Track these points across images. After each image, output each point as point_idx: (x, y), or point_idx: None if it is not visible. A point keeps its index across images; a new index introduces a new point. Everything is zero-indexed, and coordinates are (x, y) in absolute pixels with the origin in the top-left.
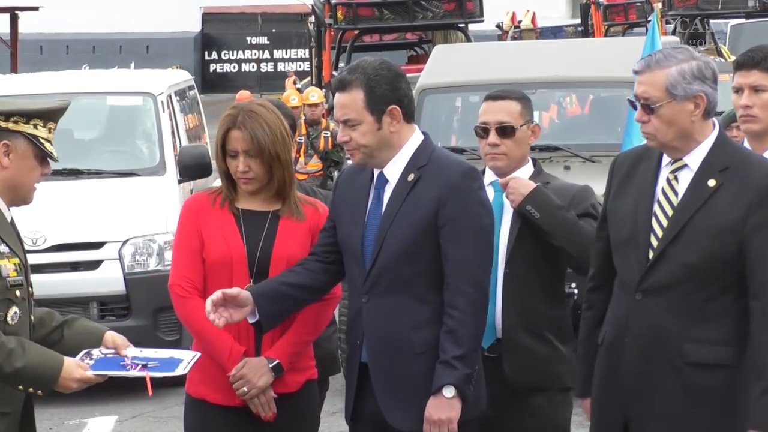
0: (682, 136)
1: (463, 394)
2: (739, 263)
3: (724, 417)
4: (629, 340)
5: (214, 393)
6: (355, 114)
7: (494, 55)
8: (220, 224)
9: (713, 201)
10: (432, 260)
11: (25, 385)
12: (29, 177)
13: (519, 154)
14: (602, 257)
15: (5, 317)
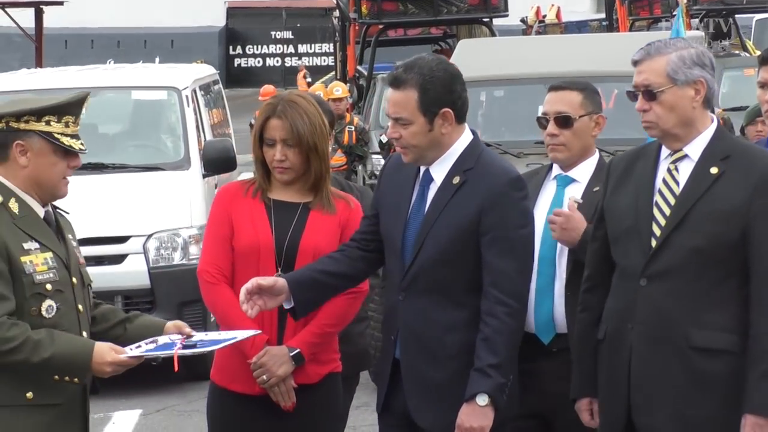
0: (683, 124)
1: (496, 403)
2: (742, 248)
3: (727, 403)
4: (633, 326)
5: (236, 381)
6: (407, 114)
7: (519, 50)
8: (250, 213)
9: (716, 187)
10: (471, 265)
11: (60, 374)
12: (51, 173)
13: (579, 145)
14: (598, 258)
15: (39, 311)
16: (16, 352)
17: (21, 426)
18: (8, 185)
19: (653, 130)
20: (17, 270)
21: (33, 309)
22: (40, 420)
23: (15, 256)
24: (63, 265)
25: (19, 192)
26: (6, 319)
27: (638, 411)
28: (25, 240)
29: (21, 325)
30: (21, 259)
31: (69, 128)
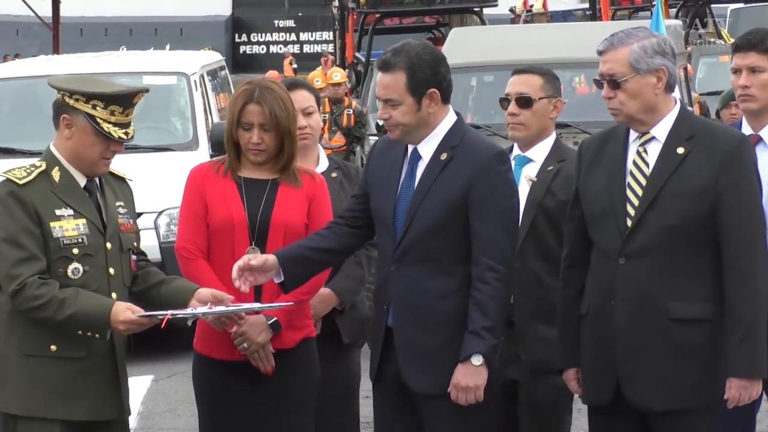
0: (647, 109)
1: (489, 363)
2: (712, 222)
3: (708, 370)
4: (615, 303)
5: (218, 349)
6: (396, 95)
7: (507, 38)
8: (222, 191)
9: (684, 166)
10: (460, 235)
11: (83, 329)
12: (90, 151)
13: (537, 126)
14: (576, 236)
15: (65, 273)
16: (43, 309)
17: (45, 375)
18: (56, 154)
19: (619, 117)
20: (46, 234)
21: (59, 270)
22: (63, 371)
23: (45, 221)
24: (97, 231)
25: (63, 161)
26: (36, 278)
27: (626, 383)
28: (59, 207)
29: (50, 284)
30: (51, 224)
31: (114, 117)
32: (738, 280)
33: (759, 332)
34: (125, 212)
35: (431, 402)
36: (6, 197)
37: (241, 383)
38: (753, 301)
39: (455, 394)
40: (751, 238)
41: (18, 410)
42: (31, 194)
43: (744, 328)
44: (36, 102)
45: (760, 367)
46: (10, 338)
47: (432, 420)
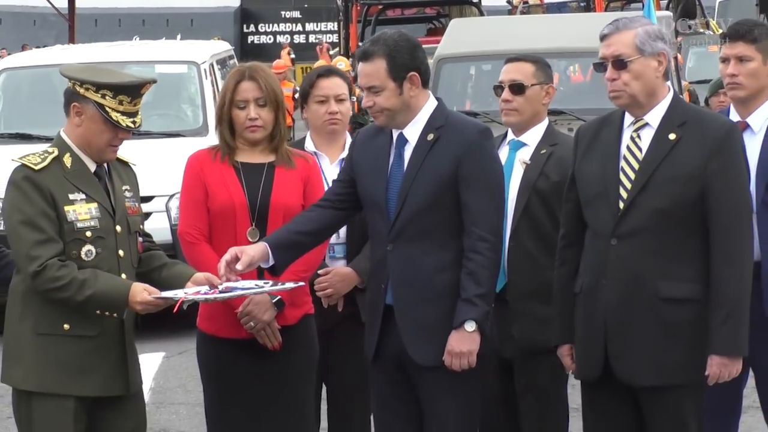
0: (648, 92)
1: (482, 329)
2: (701, 206)
3: (695, 348)
4: (607, 282)
5: (224, 328)
6: (378, 81)
7: (505, 28)
8: (222, 176)
9: (675, 152)
10: (452, 211)
11: (101, 309)
12: (99, 138)
13: (530, 111)
14: (572, 217)
15: (79, 255)
16: (63, 290)
17: (58, 353)
18: (67, 141)
19: (621, 99)
20: (61, 217)
21: (73, 252)
22: (76, 349)
23: (60, 205)
24: (107, 215)
25: (74, 148)
26: (56, 260)
27: (615, 358)
28: (72, 191)
29: (70, 266)
30: (65, 208)
31: (122, 106)
32: (723, 263)
33: (742, 313)
34: (131, 196)
35: (432, 373)
36: (22, 182)
37: (246, 360)
38: (737, 283)
39: (449, 360)
40: (738, 223)
41: (32, 387)
42: (46, 179)
43: (727, 308)
44: (52, 89)
45: (741, 346)
46: (24, 318)
47: (430, 390)
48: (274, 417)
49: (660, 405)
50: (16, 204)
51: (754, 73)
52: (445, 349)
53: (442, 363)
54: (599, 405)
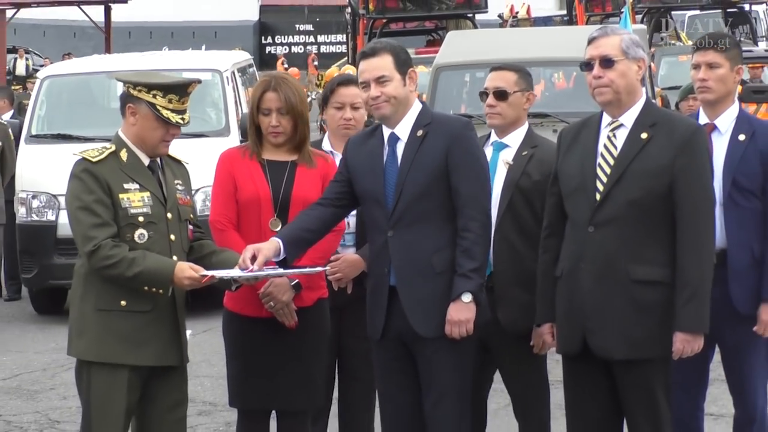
0: (629, 91)
1: (477, 299)
2: (670, 198)
3: (663, 325)
4: (584, 266)
5: (247, 307)
6: (387, 72)
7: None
8: (250, 172)
9: (646, 149)
10: (444, 196)
11: (148, 285)
12: (152, 135)
13: (513, 115)
14: (554, 210)
15: (132, 237)
16: (114, 267)
17: (116, 327)
18: (123, 138)
19: (605, 95)
20: (116, 204)
21: (128, 235)
22: (132, 323)
23: (115, 193)
24: (159, 203)
25: (130, 144)
26: (109, 241)
27: (591, 334)
28: (126, 181)
29: (121, 246)
30: (120, 196)
31: (171, 104)
32: (688, 249)
33: (703, 294)
34: (182, 189)
35: (432, 343)
36: (81, 173)
37: (266, 335)
38: (700, 267)
39: (449, 328)
40: (701, 213)
41: (93, 357)
42: (103, 170)
43: (691, 290)
44: (90, 94)
45: (702, 324)
46: (86, 296)
47: (430, 360)
48: (287, 387)
49: (631, 377)
50: (76, 192)
51: (722, 79)
52: (446, 319)
53: (442, 334)
54: (578, 377)
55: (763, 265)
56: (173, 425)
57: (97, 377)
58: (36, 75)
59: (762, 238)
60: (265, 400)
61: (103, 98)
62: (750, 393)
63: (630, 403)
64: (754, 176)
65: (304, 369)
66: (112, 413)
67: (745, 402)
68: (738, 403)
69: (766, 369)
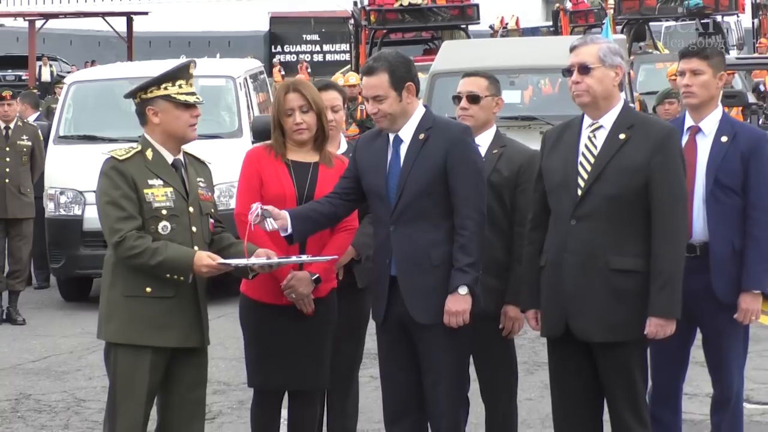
0: (606, 96)
1: (473, 292)
2: (645, 194)
3: (639, 311)
4: (567, 256)
5: (267, 295)
6: (382, 91)
7: (487, 49)
8: (276, 171)
9: (624, 149)
10: (442, 196)
11: (170, 272)
12: (177, 123)
13: (483, 117)
14: (539, 205)
15: (156, 229)
16: (139, 257)
17: (141, 312)
18: (149, 139)
19: (582, 98)
20: (141, 198)
21: (152, 227)
22: (156, 308)
23: (140, 188)
24: (182, 198)
25: (155, 144)
26: (134, 232)
27: (573, 319)
28: (151, 178)
29: (145, 237)
30: (144, 191)
31: (182, 89)
32: (663, 241)
33: (676, 282)
34: (204, 186)
35: (430, 330)
36: (110, 170)
37: (283, 321)
38: (673, 258)
39: (447, 318)
40: (675, 208)
41: (120, 340)
42: (129, 167)
43: (664, 278)
44: (113, 99)
45: (674, 310)
46: (114, 284)
47: (428, 345)
48: (301, 369)
49: (610, 358)
50: (104, 188)
51: (705, 85)
52: (444, 310)
53: (439, 321)
54: (562, 358)
55: (743, 257)
56: (193, 404)
57: (123, 358)
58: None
59: (741, 233)
60: (281, 382)
61: (126, 103)
62: (728, 375)
63: (609, 381)
64: (734, 175)
65: (316, 352)
66: (136, 392)
67: (723, 383)
68: (716, 384)
69: (743, 353)
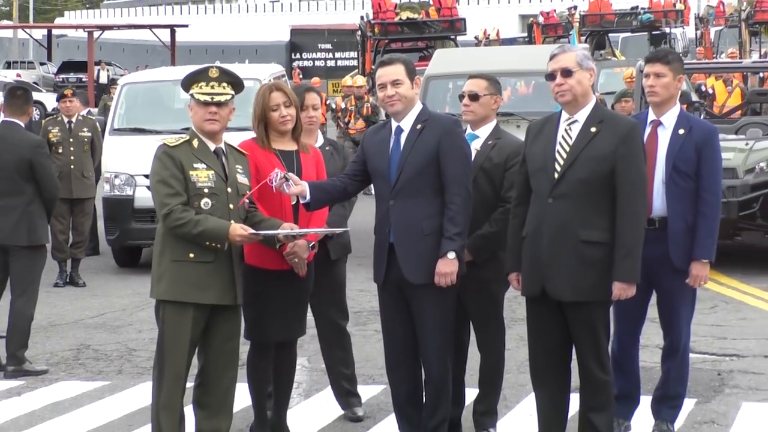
0: (583, 94)
1: (459, 257)
2: (611, 178)
3: (603, 276)
4: (545, 228)
5: (269, 262)
6: (400, 77)
7: (473, 56)
8: (268, 158)
9: (594, 140)
10: (435, 176)
11: (210, 241)
12: (196, 117)
13: (482, 113)
14: (522, 186)
15: (199, 205)
16: (183, 227)
17: (186, 274)
18: (195, 130)
19: (566, 97)
20: (187, 179)
21: (195, 203)
22: (198, 270)
23: (186, 170)
24: (221, 180)
25: (199, 134)
26: (180, 206)
27: (548, 281)
28: (196, 162)
29: (189, 211)
30: (190, 173)
31: (203, 89)
32: (625, 217)
33: (636, 252)
34: (242, 172)
35: (422, 288)
36: (162, 155)
37: (279, 283)
38: (634, 232)
39: (437, 279)
40: (635, 191)
41: (168, 297)
42: (178, 153)
43: (627, 249)
44: (159, 97)
45: (635, 276)
46: (163, 251)
47: (420, 302)
48: (291, 322)
49: (578, 315)
50: (156, 169)
51: (666, 86)
52: (435, 272)
53: (429, 281)
54: (538, 315)
55: (694, 232)
56: (228, 353)
57: (170, 314)
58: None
59: (694, 211)
60: (276, 334)
61: (169, 100)
62: (678, 329)
63: (577, 334)
64: (689, 162)
65: (301, 308)
66: (181, 342)
67: (673, 335)
68: (667, 337)
69: (690, 311)
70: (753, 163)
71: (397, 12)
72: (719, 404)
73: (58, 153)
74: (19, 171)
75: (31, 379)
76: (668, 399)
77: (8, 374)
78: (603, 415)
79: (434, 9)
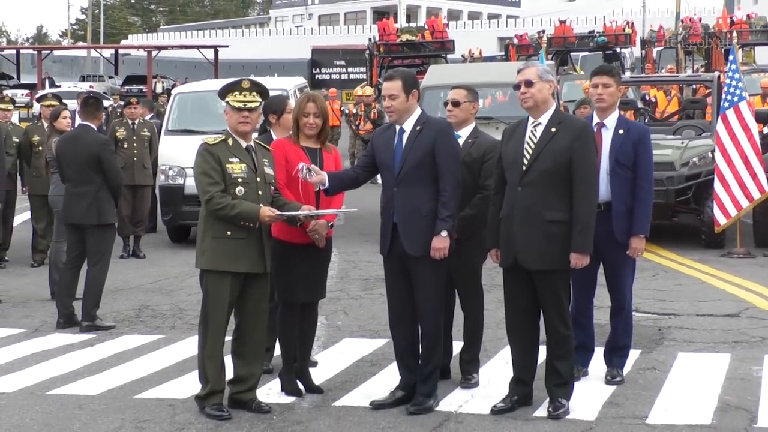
0: (544, 101)
1: (450, 234)
2: (569, 169)
3: (563, 249)
4: (516, 211)
5: (296, 236)
6: (396, 92)
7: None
8: (296, 153)
9: (555, 138)
10: (431, 168)
11: (243, 221)
12: (231, 120)
13: (463, 117)
14: (499, 178)
15: (234, 192)
16: (222, 210)
17: (224, 248)
18: (230, 131)
19: (528, 103)
20: (224, 171)
21: (231, 191)
22: (234, 245)
23: (223, 164)
24: (252, 171)
25: (234, 134)
26: (218, 193)
27: (519, 254)
28: (231, 157)
29: (226, 197)
30: (226, 166)
31: (236, 98)
32: (580, 200)
33: (589, 229)
34: (268, 164)
35: (419, 260)
36: (203, 151)
37: (304, 253)
38: (586, 212)
39: (433, 253)
40: (588, 178)
41: (210, 267)
42: (216, 150)
43: (581, 225)
44: (204, 104)
45: (588, 248)
46: (206, 229)
47: (418, 272)
48: (315, 285)
49: (544, 281)
50: (198, 163)
51: (612, 93)
52: (431, 248)
53: (425, 254)
54: (512, 282)
55: (633, 212)
56: (259, 314)
57: (212, 281)
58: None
59: (632, 196)
60: (302, 296)
61: (213, 107)
62: (621, 292)
63: (543, 297)
64: (628, 157)
65: (322, 274)
66: (221, 304)
67: (618, 297)
68: (613, 298)
69: (631, 277)
70: (687, 158)
71: (398, 35)
72: (659, 354)
73: (123, 148)
74: (89, 164)
75: (101, 333)
76: (617, 349)
77: (83, 329)
78: (565, 362)
79: (429, 32)
